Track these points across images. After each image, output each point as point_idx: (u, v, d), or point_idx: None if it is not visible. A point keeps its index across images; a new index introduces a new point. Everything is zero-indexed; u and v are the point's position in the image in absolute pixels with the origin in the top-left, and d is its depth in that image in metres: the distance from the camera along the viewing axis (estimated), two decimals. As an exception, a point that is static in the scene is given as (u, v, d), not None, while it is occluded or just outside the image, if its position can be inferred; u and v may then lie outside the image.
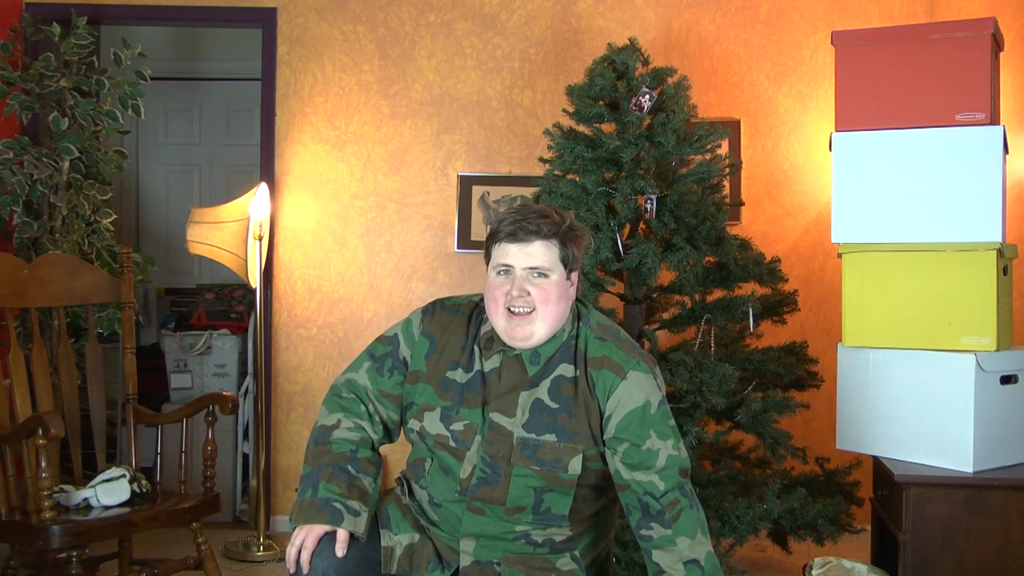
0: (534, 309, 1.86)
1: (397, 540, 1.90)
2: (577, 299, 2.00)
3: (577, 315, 1.98)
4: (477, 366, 1.93)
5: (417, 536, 1.93)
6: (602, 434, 1.87)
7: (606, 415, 1.86)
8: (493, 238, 1.91)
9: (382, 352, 2.01)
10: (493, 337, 1.93)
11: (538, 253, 1.87)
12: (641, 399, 1.85)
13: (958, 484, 2.54)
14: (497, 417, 1.88)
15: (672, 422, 1.88)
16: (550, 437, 1.86)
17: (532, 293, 1.86)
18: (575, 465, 1.85)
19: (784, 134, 4.06)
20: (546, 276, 1.87)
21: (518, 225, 1.87)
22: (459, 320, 1.98)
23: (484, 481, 1.87)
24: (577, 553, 1.93)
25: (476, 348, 1.95)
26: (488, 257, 1.94)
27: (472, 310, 2.00)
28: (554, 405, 1.87)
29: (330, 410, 1.99)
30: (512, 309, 1.86)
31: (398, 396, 1.99)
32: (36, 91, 3.61)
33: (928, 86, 2.68)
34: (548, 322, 1.87)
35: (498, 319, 1.89)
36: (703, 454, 3.23)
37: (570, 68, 4.03)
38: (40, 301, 2.95)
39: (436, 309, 2.02)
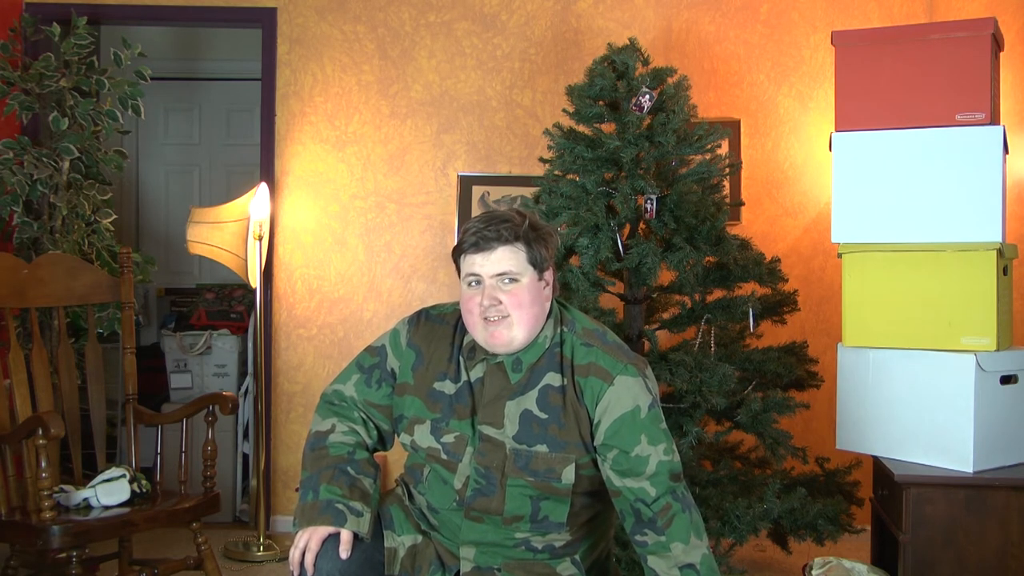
0: (509, 315, 1.84)
1: (400, 541, 1.89)
2: (559, 302, 1.99)
3: (560, 319, 1.95)
4: (464, 376, 1.91)
5: (419, 537, 1.92)
6: (592, 441, 1.86)
7: (595, 422, 1.85)
8: (458, 251, 1.90)
9: (370, 363, 2.00)
10: (475, 346, 1.91)
11: (504, 259, 1.85)
12: (630, 404, 1.83)
13: (958, 484, 2.54)
14: (486, 429, 1.87)
15: (664, 425, 1.87)
16: (542, 448, 1.85)
17: (504, 300, 1.84)
18: (568, 474, 1.85)
19: (784, 134, 4.06)
20: (516, 280, 1.85)
21: (479, 235, 1.85)
22: (445, 330, 1.97)
23: (480, 492, 1.86)
24: (577, 557, 1.93)
25: (461, 359, 1.93)
26: (458, 270, 1.92)
27: (458, 319, 1.97)
28: (543, 415, 1.86)
29: (323, 416, 1.99)
30: (487, 317, 1.85)
31: (387, 407, 1.98)
32: (36, 91, 3.61)
33: (928, 86, 2.68)
34: (525, 326, 1.85)
35: (476, 330, 1.87)
36: (703, 454, 3.23)
37: (570, 68, 4.03)
38: (40, 301, 2.95)
39: (421, 319, 2.00)
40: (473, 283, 1.87)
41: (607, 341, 1.92)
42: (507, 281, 1.85)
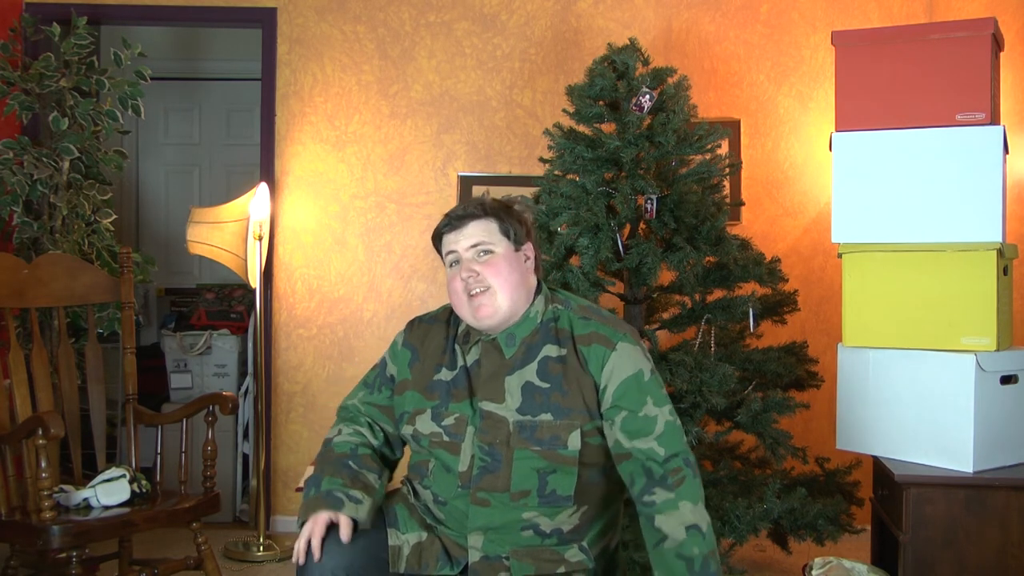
0: (489, 285, 1.92)
1: (404, 539, 1.91)
2: (550, 288, 2.06)
3: (551, 299, 2.02)
4: (460, 362, 1.98)
5: (425, 535, 1.94)
6: (599, 407, 1.90)
7: (602, 387, 1.90)
8: (437, 237, 2.01)
9: (373, 376, 2.11)
10: (469, 331, 1.99)
11: (475, 232, 1.95)
12: (633, 368, 1.89)
13: (958, 484, 2.54)
14: (487, 405, 1.91)
15: (664, 391, 1.93)
16: (546, 416, 1.89)
17: (480, 271, 1.92)
18: (574, 440, 1.87)
19: (784, 134, 4.06)
20: (491, 252, 1.94)
21: (451, 215, 1.98)
22: (437, 326, 2.06)
23: (486, 469, 1.89)
24: (585, 543, 1.94)
25: (456, 347, 2.00)
26: (443, 259, 2.02)
27: (449, 315, 2.07)
28: (545, 385, 1.90)
29: (333, 426, 2.09)
30: (470, 292, 1.92)
31: (389, 408, 2.06)
32: (36, 91, 3.61)
33: (928, 86, 2.68)
34: (507, 293, 1.92)
35: (463, 307, 1.95)
36: (703, 454, 3.23)
37: (570, 68, 4.03)
38: (40, 301, 2.95)
39: (415, 324, 2.10)
40: (453, 263, 1.97)
41: (603, 315, 2.00)
42: (482, 253, 1.94)
